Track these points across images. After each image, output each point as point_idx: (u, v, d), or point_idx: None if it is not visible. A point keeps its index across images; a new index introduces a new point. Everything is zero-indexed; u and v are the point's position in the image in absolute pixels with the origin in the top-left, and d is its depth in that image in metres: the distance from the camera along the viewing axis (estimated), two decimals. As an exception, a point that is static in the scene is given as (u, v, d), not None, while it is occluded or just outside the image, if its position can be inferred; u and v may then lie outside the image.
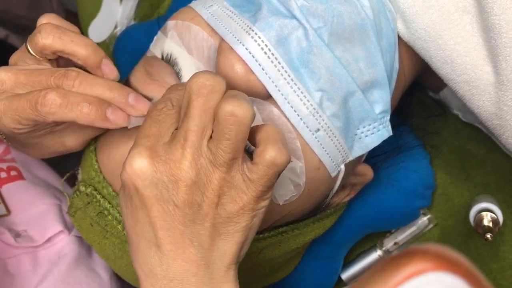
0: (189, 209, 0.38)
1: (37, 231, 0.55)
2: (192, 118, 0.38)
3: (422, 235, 0.66)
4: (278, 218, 0.49)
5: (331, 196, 0.51)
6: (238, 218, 0.39)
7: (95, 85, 0.44)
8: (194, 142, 0.38)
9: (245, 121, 0.37)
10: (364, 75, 0.45)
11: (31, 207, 0.57)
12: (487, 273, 0.62)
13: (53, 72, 0.44)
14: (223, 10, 0.45)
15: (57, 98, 0.42)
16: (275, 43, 0.43)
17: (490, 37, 0.45)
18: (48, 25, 0.45)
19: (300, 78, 0.43)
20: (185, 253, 0.39)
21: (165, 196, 0.38)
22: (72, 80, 0.43)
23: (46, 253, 0.55)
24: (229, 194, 0.39)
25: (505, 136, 0.49)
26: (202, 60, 0.46)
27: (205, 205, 0.38)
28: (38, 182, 0.60)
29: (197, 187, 0.38)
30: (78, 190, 0.50)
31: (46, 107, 0.42)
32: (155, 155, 0.38)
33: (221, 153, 0.37)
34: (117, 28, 0.77)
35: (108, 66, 0.46)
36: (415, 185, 0.62)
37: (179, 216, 0.38)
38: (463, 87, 0.49)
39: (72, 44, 0.44)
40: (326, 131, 0.44)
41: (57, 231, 0.56)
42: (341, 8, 0.44)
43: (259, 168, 0.38)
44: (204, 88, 0.37)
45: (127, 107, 0.44)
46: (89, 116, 0.42)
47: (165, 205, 0.38)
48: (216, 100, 0.38)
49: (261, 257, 0.52)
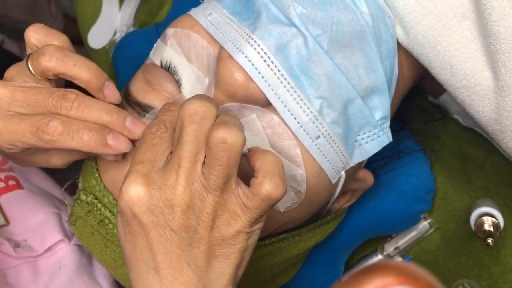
0: (185, 233, 0.39)
1: (37, 241, 0.55)
2: (185, 144, 0.38)
3: (423, 240, 0.66)
4: (279, 225, 0.49)
5: (331, 202, 0.51)
6: (233, 241, 0.39)
7: (93, 108, 0.44)
8: (187, 168, 0.38)
9: (236, 148, 0.37)
10: (364, 81, 0.46)
11: (30, 216, 0.57)
12: (488, 277, 0.62)
13: (52, 92, 0.44)
14: (223, 18, 0.45)
15: (60, 126, 0.42)
16: (274, 51, 0.43)
17: (489, 43, 0.45)
18: (51, 47, 0.44)
19: (300, 86, 0.43)
20: (182, 276, 0.39)
21: (162, 221, 0.39)
22: (70, 102, 0.44)
23: (46, 263, 0.55)
24: (223, 217, 0.39)
25: (505, 141, 0.49)
26: (201, 68, 0.46)
27: (201, 228, 0.39)
28: (37, 191, 0.60)
29: (192, 211, 0.39)
30: (78, 199, 0.50)
31: (48, 135, 0.42)
32: (150, 182, 0.39)
33: (214, 178, 0.38)
34: (117, 35, 0.77)
35: (110, 89, 0.46)
36: (416, 189, 0.62)
37: (175, 240, 0.39)
38: (463, 93, 0.49)
39: (75, 67, 0.44)
40: (326, 138, 0.45)
41: (57, 240, 0.56)
42: (340, 15, 0.44)
43: (254, 199, 0.38)
44: (197, 115, 0.38)
45: (124, 131, 0.44)
46: (89, 143, 0.43)
47: (162, 230, 0.39)
48: (208, 126, 0.38)
49: (262, 263, 0.52)
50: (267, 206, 0.39)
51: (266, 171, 0.38)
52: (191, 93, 0.45)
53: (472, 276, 0.63)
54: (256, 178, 0.38)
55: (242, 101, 0.44)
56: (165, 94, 0.46)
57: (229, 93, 0.44)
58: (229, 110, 0.44)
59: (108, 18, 0.77)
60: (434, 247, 0.65)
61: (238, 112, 0.44)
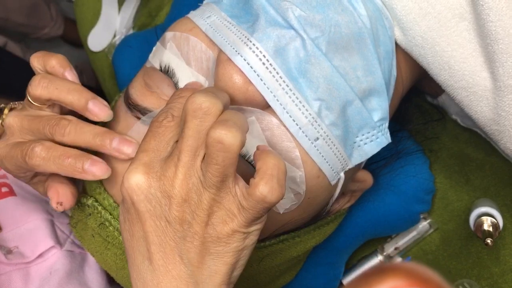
0: (179, 226, 0.39)
1: (29, 247, 0.55)
2: (185, 138, 0.38)
3: (423, 240, 0.66)
4: (279, 226, 0.49)
5: (331, 203, 0.52)
6: (228, 239, 0.39)
7: (82, 134, 0.45)
8: (186, 162, 0.38)
9: (232, 149, 0.37)
10: (362, 83, 0.46)
11: (23, 223, 0.57)
12: (488, 277, 0.62)
13: (49, 120, 0.46)
14: (221, 21, 0.45)
15: (43, 152, 0.45)
16: (273, 54, 0.43)
17: (487, 44, 0.45)
18: (37, 76, 0.47)
19: (299, 88, 0.43)
20: (175, 269, 0.39)
21: (158, 211, 0.39)
22: (63, 129, 0.45)
23: (37, 269, 0.54)
24: (219, 214, 0.39)
25: (503, 141, 0.49)
26: (200, 71, 0.46)
27: (195, 223, 0.39)
28: (30, 197, 0.60)
29: (188, 205, 0.39)
30: (79, 202, 0.50)
31: (32, 160, 0.45)
32: (151, 171, 0.39)
33: (210, 176, 0.38)
34: (116, 37, 0.77)
35: (96, 107, 0.46)
36: (415, 190, 0.63)
37: (170, 232, 0.39)
38: (461, 93, 0.49)
39: (57, 92, 0.46)
40: (325, 140, 0.45)
41: (48, 247, 0.56)
42: (338, 17, 0.44)
43: (250, 199, 0.38)
44: (200, 110, 0.38)
45: (113, 152, 0.45)
46: (67, 169, 0.45)
47: (158, 220, 0.39)
48: (211, 122, 0.38)
49: (262, 265, 0.52)
50: (262, 209, 0.38)
51: (265, 173, 0.38)
52: None
53: (472, 276, 0.63)
54: (254, 178, 0.38)
55: (241, 103, 0.44)
56: (164, 97, 0.47)
57: (229, 96, 0.44)
58: None
59: (108, 21, 0.78)
60: (434, 247, 0.65)
61: None
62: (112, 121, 0.49)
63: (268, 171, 0.38)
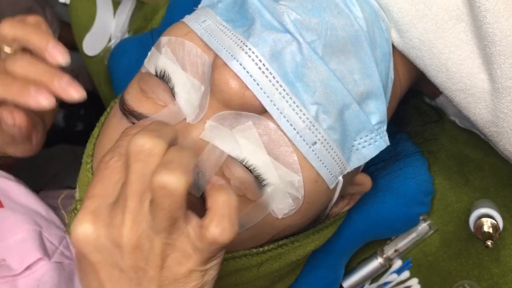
0: (134, 274, 0.37)
1: (16, 260, 0.54)
2: (130, 183, 0.36)
3: (423, 242, 0.66)
4: (278, 231, 0.48)
5: (330, 207, 0.51)
6: (185, 279, 0.38)
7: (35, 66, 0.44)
8: (133, 208, 0.36)
9: (177, 192, 0.35)
10: (359, 86, 0.45)
11: (11, 234, 0.55)
12: (489, 278, 0.62)
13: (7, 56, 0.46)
14: (216, 25, 0.45)
15: None
16: (269, 58, 0.43)
17: (484, 45, 0.45)
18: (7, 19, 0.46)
19: (295, 92, 0.43)
20: None
21: (110, 260, 0.37)
22: (16, 59, 0.45)
23: (25, 282, 0.53)
24: (173, 256, 0.37)
25: (502, 142, 0.49)
26: (196, 76, 0.45)
27: (150, 268, 0.37)
28: (18, 208, 0.58)
29: (140, 252, 0.37)
30: (75, 209, 0.50)
31: None
32: (98, 219, 0.37)
33: (158, 221, 0.36)
34: (111, 41, 0.77)
35: (57, 49, 0.45)
36: (414, 191, 0.62)
37: (125, 280, 0.37)
38: (459, 95, 0.49)
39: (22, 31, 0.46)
40: (323, 144, 0.44)
41: (36, 259, 0.54)
42: (334, 20, 0.44)
43: (202, 240, 0.36)
44: (142, 152, 0.36)
45: (60, 92, 0.44)
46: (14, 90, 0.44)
47: (112, 269, 0.37)
48: (155, 163, 0.36)
49: (261, 270, 0.51)
50: (216, 250, 0.37)
51: (215, 213, 0.36)
52: (186, 101, 0.45)
53: (472, 277, 0.63)
54: (205, 219, 0.36)
55: (238, 108, 0.44)
56: (160, 103, 0.46)
57: (225, 101, 0.43)
58: (225, 118, 0.44)
59: (103, 25, 0.77)
60: (434, 249, 0.65)
61: (234, 120, 0.44)
62: (108, 127, 0.49)
63: (218, 211, 0.36)
